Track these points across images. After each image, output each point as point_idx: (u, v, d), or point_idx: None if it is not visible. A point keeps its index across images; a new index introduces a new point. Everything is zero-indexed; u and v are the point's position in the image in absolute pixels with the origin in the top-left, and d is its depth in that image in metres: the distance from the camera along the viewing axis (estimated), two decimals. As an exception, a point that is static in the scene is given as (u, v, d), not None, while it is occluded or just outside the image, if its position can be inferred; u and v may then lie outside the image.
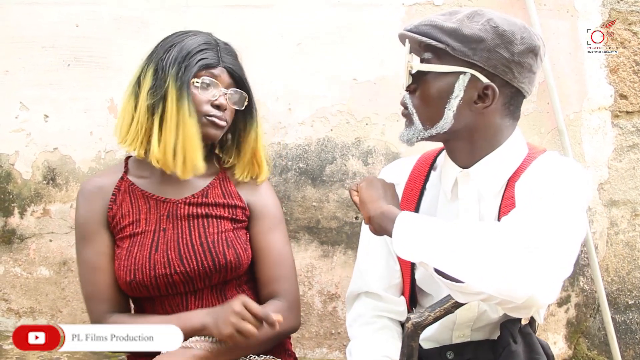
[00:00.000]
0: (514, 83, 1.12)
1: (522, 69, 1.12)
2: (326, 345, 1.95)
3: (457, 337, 1.26)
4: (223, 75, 1.33)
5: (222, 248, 1.29)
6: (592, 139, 1.95)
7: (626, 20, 1.93)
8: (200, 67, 1.30)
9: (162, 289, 1.28)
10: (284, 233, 1.41)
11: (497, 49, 1.09)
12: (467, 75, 1.11)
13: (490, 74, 1.10)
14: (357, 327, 1.32)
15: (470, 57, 1.09)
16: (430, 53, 1.14)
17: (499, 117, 1.15)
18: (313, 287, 1.94)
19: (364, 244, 1.37)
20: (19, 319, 1.97)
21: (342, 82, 1.93)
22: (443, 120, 1.13)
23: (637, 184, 1.96)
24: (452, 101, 1.12)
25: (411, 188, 1.29)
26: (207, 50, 1.33)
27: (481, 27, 1.10)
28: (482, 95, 1.11)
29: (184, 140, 1.27)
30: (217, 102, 1.30)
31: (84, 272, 1.32)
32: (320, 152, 1.94)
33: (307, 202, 1.94)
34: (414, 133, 1.17)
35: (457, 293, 1.02)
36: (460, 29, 1.09)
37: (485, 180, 1.17)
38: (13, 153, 1.95)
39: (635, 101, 1.95)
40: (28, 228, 1.96)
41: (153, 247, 1.29)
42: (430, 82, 1.13)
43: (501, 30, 1.09)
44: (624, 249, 1.96)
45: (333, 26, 1.92)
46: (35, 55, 1.93)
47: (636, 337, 1.97)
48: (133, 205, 1.33)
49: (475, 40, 1.09)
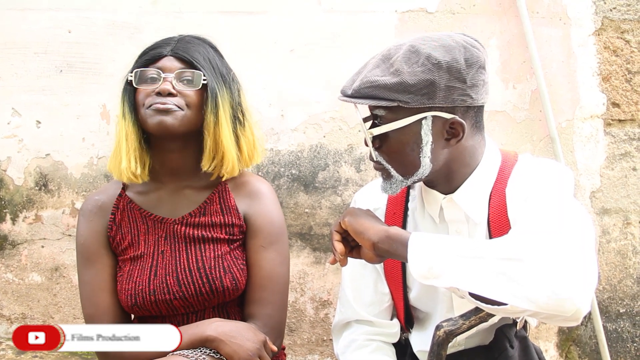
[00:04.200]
0: (475, 104, 1.10)
1: (477, 88, 1.09)
2: (318, 352, 1.95)
3: (450, 346, 1.25)
4: (170, 63, 1.26)
5: (219, 274, 1.27)
6: (584, 147, 1.95)
7: (619, 29, 1.93)
8: (140, 64, 1.28)
9: (164, 311, 1.28)
10: (280, 253, 1.32)
11: (449, 84, 1.05)
12: (429, 118, 1.07)
13: (450, 108, 1.07)
14: (350, 352, 1.27)
15: (426, 103, 1.05)
16: (383, 110, 1.09)
17: (471, 139, 1.13)
18: (305, 294, 1.94)
19: (348, 272, 1.31)
20: (10, 325, 1.97)
21: (335, 89, 1.90)
22: (422, 168, 1.11)
23: (629, 192, 1.96)
24: (425, 148, 1.09)
25: (393, 211, 1.27)
26: (157, 47, 1.29)
27: (424, 68, 1.04)
28: (450, 130, 1.09)
29: (118, 143, 1.27)
30: (158, 89, 1.23)
31: (86, 293, 1.30)
32: (312, 158, 1.94)
33: (299, 208, 1.93)
34: (396, 185, 1.14)
35: (500, 312, 0.98)
36: (405, 80, 1.04)
37: (470, 201, 1.16)
38: (5, 159, 1.94)
39: (627, 109, 1.95)
40: (20, 234, 1.95)
41: (152, 272, 1.28)
42: (394, 138, 1.10)
43: (445, 64, 1.04)
44: (616, 257, 1.96)
45: (326, 32, 1.92)
46: (27, 61, 1.93)
47: (627, 345, 1.97)
48: (132, 226, 1.32)
49: (425, 86, 1.04)
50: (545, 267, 0.90)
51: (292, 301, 1.93)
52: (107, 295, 1.29)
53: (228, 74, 1.33)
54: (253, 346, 1.19)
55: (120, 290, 1.29)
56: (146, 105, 1.24)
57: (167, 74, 1.25)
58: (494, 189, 1.16)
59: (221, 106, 1.28)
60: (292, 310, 1.94)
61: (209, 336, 1.19)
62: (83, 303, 1.31)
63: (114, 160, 1.30)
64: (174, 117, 1.23)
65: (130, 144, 1.25)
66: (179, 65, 1.26)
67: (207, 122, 1.27)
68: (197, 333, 1.20)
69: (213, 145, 1.28)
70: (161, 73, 1.25)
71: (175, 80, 1.25)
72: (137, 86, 1.26)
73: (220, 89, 1.29)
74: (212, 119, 1.27)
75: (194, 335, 1.20)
